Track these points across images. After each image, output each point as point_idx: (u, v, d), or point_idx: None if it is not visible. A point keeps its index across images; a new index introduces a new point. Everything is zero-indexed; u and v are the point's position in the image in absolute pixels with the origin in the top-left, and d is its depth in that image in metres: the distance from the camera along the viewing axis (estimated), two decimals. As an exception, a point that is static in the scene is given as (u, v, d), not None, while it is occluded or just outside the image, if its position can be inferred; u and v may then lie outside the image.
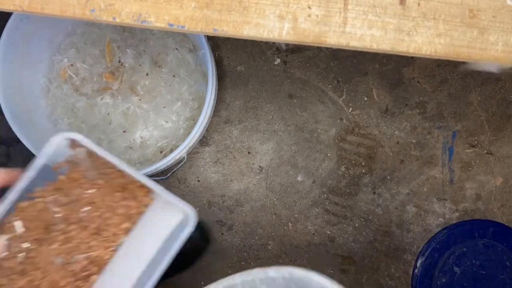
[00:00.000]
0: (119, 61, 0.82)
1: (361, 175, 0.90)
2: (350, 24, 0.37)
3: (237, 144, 0.91)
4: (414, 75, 0.90)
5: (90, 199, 0.43)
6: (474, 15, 0.38)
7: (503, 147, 0.89)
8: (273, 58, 0.90)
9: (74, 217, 0.43)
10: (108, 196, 0.43)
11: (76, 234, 0.43)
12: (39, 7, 0.38)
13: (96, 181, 0.44)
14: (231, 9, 0.37)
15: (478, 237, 0.85)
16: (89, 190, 0.43)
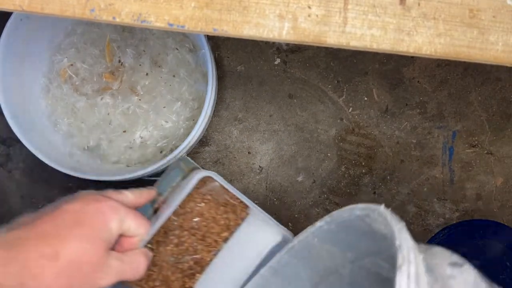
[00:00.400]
0: (119, 61, 0.82)
1: (361, 175, 0.90)
2: (350, 24, 0.37)
3: (237, 144, 0.91)
4: (414, 75, 0.90)
5: (200, 211, 0.53)
6: (474, 15, 0.38)
7: (503, 147, 0.89)
8: (273, 58, 0.90)
9: (187, 225, 0.52)
10: (214, 209, 0.53)
11: (186, 239, 0.52)
12: (39, 7, 0.38)
13: (206, 196, 0.53)
14: (231, 9, 0.37)
15: (478, 237, 0.85)
16: (200, 204, 0.53)
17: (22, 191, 0.93)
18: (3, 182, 0.93)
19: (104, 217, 0.40)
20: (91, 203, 0.41)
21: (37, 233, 0.37)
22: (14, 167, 0.93)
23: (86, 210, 0.40)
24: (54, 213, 0.39)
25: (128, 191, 0.47)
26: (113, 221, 0.41)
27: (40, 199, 0.93)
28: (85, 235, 0.38)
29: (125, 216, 0.42)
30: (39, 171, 0.92)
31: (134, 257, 0.44)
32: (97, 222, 0.40)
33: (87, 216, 0.39)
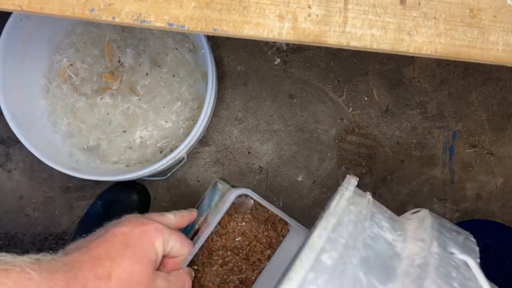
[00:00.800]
0: (118, 61, 0.82)
1: (361, 175, 0.90)
2: (350, 24, 0.37)
3: (237, 144, 0.91)
4: (414, 75, 0.89)
5: (241, 230, 0.54)
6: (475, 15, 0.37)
7: (503, 147, 0.89)
8: (273, 58, 0.90)
9: (230, 245, 0.53)
10: (255, 228, 0.54)
11: (231, 259, 0.53)
12: (38, 7, 0.38)
13: (246, 215, 0.54)
14: (231, 9, 0.37)
15: (478, 237, 0.85)
16: (241, 223, 0.54)
17: (21, 191, 0.93)
18: (3, 182, 0.93)
19: (150, 238, 0.43)
20: (138, 225, 0.43)
21: (91, 256, 0.40)
22: (14, 167, 0.93)
23: (133, 232, 0.42)
24: (104, 237, 0.42)
25: (170, 213, 0.49)
26: (158, 242, 0.43)
27: (40, 199, 0.93)
28: (133, 256, 0.41)
29: (169, 237, 0.44)
30: (38, 171, 0.92)
31: (179, 276, 0.46)
32: (144, 244, 0.42)
33: (134, 238, 0.42)
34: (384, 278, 0.31)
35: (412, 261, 0.32)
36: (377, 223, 0.35)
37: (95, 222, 0.86)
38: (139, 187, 0.89)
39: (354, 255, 0.31)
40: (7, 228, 0.93)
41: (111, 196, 0.89)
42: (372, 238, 0.33)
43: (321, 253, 0.31)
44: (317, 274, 0.30)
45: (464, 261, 0.32)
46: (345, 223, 0.33)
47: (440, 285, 0.29)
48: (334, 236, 0.32)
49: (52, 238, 0.93)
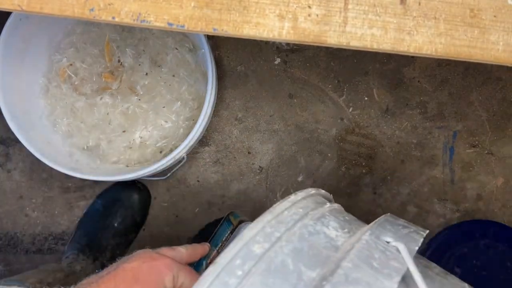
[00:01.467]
0: (118, 60, 0.82)
1: (361, 175, 0.90)
2: (351, 24, 0.37)
3: (237, 144, 0.91)
4: (414, 75, 0.89)
5: None
6: (475, 15, 0.37)
7: (504, 147, 0.89)
8: (273, 58, 0.90)
9: None
10: None
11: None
12: (38, 7, 0.38)
13: None
14: (231, 9, 0.37)
15: (479, 237, 0.85)
16: None
17: (21, 191, 0.93)
18: (2, 182, 0.93)
19: (160, 274, 0.43)
20: (147, 260, 0.43)
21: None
22: (14, 167, 0.93)
23: (142, 267, 0.43)
24: (114, 272, 0.42)
25: (181, 247, 0.49)
26: (168, 278, 0.43)
27: (39, 199, 0.92)
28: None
29: (178, 272, 0.44)
30: (38, 171, 0.92)
31: None
32: (153, 279, 0.42)
33: (144, 273, 0.42)
34: (314, 265, 0.32)
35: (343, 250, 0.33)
36: (323, 222, 0.36)
37: (95, 221, 0.86)
38: (139, 186, 0.89)
39: (286, 245, 0.33)
40: (7, 228, 0.93)
41: (111, 195, 0.88)
42: (311, 233, 0.34)
43: (252, 244, 0.32)
44: (244, 260, 0.31)
45: (396, 247, 0.33)
46: (286, 221, 0.35)
47: (357, 263, 0.30)
48: (270, 231, 0.33)
49: (52, 238, 0.93)
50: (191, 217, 0.91)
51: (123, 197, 0.87)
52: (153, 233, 0.91)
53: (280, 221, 0.35)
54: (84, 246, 0.83)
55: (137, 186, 0.88)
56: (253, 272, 0.30)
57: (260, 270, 0.31)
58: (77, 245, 0.84)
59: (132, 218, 0.87)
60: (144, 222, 0.91)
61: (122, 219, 0.86)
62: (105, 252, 0.84)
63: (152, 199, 0.91)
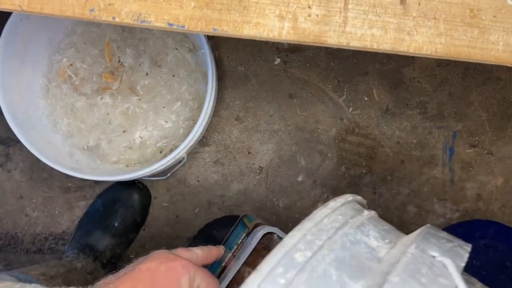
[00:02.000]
0: (118, 61, 0.82)
1: (361, 175, 0.90)
2: (351, 24, 0.37)
3: (237, 144, 0.91)
4: (414, 75, 0.89)
5: None
6: (475, 15, 0.37)
7: (504, 147, 0.89)
8: (273, 58, 0.90)
9: None
10: None
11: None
12: (38, 7, 0.38)
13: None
14: (231, 9, 0.37)
15: (478, 237, 0.85)
16: None
17: (21, 191, 0.93)
18: (3, 182, 0.93)
19: (176, 275, 0.43)
20: (164, 262, 0.43)
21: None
22: (14, 167, 0.93)
23: (159, 268, 0.43)
24: (131, 273, 0.42)
25: (197, 249, 0.49)
26: (184, 279, 0.43)
27: (40, 199, 0.93)
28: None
29: (195, 274, 0.44)
30: (38, 171, 0.92)
31: None
32: (170, 280, 0.42)
33: (161, 274, 0.42)
34: (357, 276, 0.31)
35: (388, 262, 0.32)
36: (363, 231, 0.36)
37: (95, 221, 0.86)
38: (139, 186, 0.89)
39: (329, 254, 0.32)
40: (7, 228, 0.93)
41: (112, 195, 0.89)
42: (352, 242, 0.34)
43: (294, 251, 0.32)
44: (286, 268, 0.30)
45: (443, 262, 0.32)
46: (327, 228, 0.34)
47: (405, 278, 0.29)
48: (311, 238, 0.33)
49: (52, 238, 0.93)
50: (191, 217, 0.91)
51: (123, 197, 0.88)
52: (153, 233, 0.91)
53: (320, 228, 0.34)
54: (84, 246, 0.83)
55: (137, 186, 0.88)
56: (296, 281, 0.30)
57: (303, 279, 0.30)
58: (77, 245, 0.84)
59: (132, 218, 0.88)
60: (144, 222, 0.91)
61: (122, 219, 0.86)
62: (105, 252, 0.84)
63: (152, 199, 0.91)
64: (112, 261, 0.85)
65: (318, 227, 0.34)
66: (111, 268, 0.84)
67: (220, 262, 0.54)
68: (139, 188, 0.89)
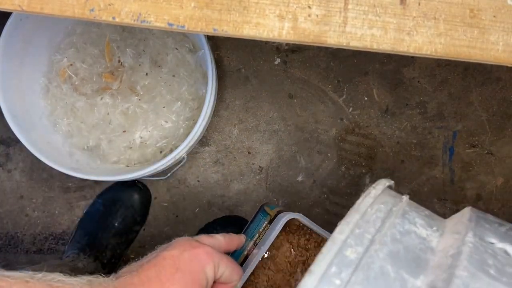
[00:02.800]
0: (118, 61, 0.82)
1: (361, 175, 0.90)
2: (350, 24, 0.37)
3: (237, 144, 0.91)
4: (414, 75, 0.89)
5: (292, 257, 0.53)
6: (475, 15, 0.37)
7: (503, 147, 0.89)
8: (273, 58, 0.90)
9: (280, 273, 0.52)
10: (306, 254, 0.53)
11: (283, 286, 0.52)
12: (38, 7, 0.38)
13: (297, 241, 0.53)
14: (231, 9, 0.37)
15: (478, 237, 0.85)
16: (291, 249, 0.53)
17: (21, 191, 0.93)
18: (3, 182, 0.93)
19: (200, 262, 0.42)
20: (188, 249, 0.43)
21: (141, 280, 0.39)
22: (14, 167, 0.93)
23: (184, 256, 0.42)
24: (155, 260, 0.42)
25: (219, 235, 0.48)
26: (209, 267, 0.43)
27: (40, 199, 0.93)
28: (184, 280, 0.40)
29: (219, 261, 0.44)
30: (38, 171, 0.92)
31: None
32: (194, 268, 0.42)
33: (185, 261, 0.42)
34: (415, 271, 0.30)
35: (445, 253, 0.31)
36: (409, 220, 0.34)
37: (96, 221, 0.86)
38: (140, 186, 0.89)
39: (381, 249, 0.30)
40: (7, 228, 0.93)
41: (112, 195, 0.89)
42: (402, 233, 0.32)
43: (345, 248, 0.30)
44: (340, 268, 0.29)
45: (504, 249, 0.31)
46: (372, 220, 0.33)
47: (473, 272, 0.28)
48: (359, 231, 0.31)
49: (52, 238, 0.93)
50: (191, 217, 0.91)
51: (123, 197, 0.88)
52: (153, 233, 0.91)
53: (366, 220, 0.32)
54: (85, 246, 0.83)
55: (137, 186, 0.89)
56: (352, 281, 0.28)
57: (359, 279, 0.28)
58: (78, 245, 0.84)
59: (132, 218, 0.88)
60: (144, 222, 0.91)
61: (122, 218, 0.86)
62: (105, 252, 0.84)
63: (152, 199, 0.91)
64: (112, 261, 0.85)
65: (364, 219, 0.33)
66: (111, 268, 0.84)
67: (242, 251, 0.54)
68: (139, 188, 0.89)
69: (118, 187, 0.89)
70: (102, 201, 0.88)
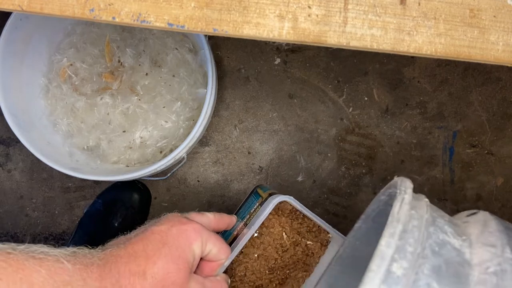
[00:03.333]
0: (118, 61, 0.82)
1: (361, 175, 0.90)
2: (350, 24, 0.37)
3: (237, 144, 0.91)
4: (414, 75, 0.89)
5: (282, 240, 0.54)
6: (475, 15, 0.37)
7: (504, 147, 0.89)
8: (273, 58, 0.90)
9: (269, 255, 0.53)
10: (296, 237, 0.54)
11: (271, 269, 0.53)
12: (38, 7, 0.38)
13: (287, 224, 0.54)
14: (231, 9, 0.37)
15: (478, 237, 0.85)
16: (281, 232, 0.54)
17: (21, 191, 0.93)
18: (3, 182, 0.93)
19: (188, 238, 0.42)
20: (176, 224, 0.42)
21: (127, 253, 0.39)
22: (14, 167, 0.93)
23: (171, 231, 0.42)
24: (143, 234, 0.42)
25: (209, 213, 0.48)
26: (196, 243, 0.42)
27: (40, 199, 0.92)
28: (170, 255, 0.40)
29: (207, 239, 0.43)
30: (38, 171, 0.92)
31: (216, 283, 0.45)
32: (182, 243, 0.41)
33: (172, 237, 0.41)
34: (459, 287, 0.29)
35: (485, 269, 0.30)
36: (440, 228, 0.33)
37: (96, 221, 0.86)
38: (140, 186, 0.89)
39: (424, 263, 0.29)
40: (7, 228, 0.93)
41: (112, 195, 0.89)
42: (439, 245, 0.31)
43: (391, 263, 0.29)
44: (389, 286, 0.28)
45: None
46: (410, 229, 0.31)
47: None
48: (401, 243, 0.30)
49: (52, 238, 0.93)
50: (191, 217, 0.91)
51: (123, 197, 0.88)
52: (153, 233, 0.91)
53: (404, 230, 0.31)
54: (85, 246, 0.83)
55: (137, 186, 0.89)
56: None
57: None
58: (78, 245, 0.84)
59: (133, 218, 0.88)
60: (144, 222, 0.91)
61: (122, 219, 0.86)
62: (105, 252, 0.84)
63: (152, 199, 0.91)
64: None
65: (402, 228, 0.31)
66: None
67: (232, 231, 0.54)
68: (139, 188, 0.89)
69: (118, 187, 0.89)
70: (102, 201, 0.88)
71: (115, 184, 0.89)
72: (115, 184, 0.89)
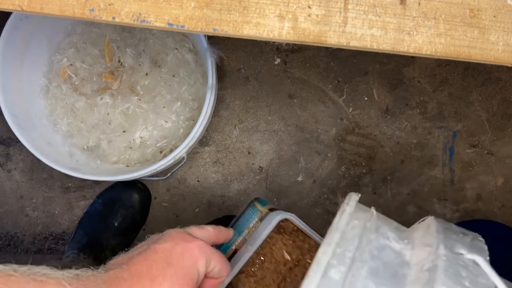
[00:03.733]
0: (118, 61, 0.82)
1: (361, 175, 0.90)
2: (350, 24, 0.37)
3: (237, 144, 0.91)
4: (414, 75, 0.89)
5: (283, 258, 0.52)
6: (475, 15, 0.37)
7: (503, 147, 0.89)
8: (273, 58, 0.90)
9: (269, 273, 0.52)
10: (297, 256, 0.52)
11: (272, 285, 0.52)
12: (38, 7, 0.38)
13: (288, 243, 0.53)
14: (231, 9, 0.37)
15: (478, 237, 0.85)
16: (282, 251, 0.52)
17: (21, 191, 0.93)
18: (3, 182, 0.93)
19: (193, 257, 0.41)
20: (180, 243, 0.42)
21: (131, 274, 0.38)
22: (14, 167, 0.93)
23: (176, 250, 0.41)
24: (145, 253, 0.40)
25: (209, 227, 0.48)
26: (201, 262, 0.42)
27: (40, 199, 0.93)
28: (175, 276, 0.39)
29: (211, 256, 0.43)
30: (38, 171, 0.92)
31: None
32: (187, 262, 0.41)
33: (177, 256, 0.41)
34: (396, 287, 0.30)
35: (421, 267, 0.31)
36: (382, 234, 0.35)
37: (96, 221, 0.86)
38: (140, 186, 0.89)
39: (362, 267, 0.31)
40: (7, 228, 0.93)
41: (112, 195, 0.89)
42: (379, 249, 0.33)
43: (329, 268, 0.30)
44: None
45: (472, 260, 0.31)
46: (350, 237, 0.33)
47: (451, 285, 0.29)
48: (340, 251, 0.32)
49: (52, 238, 0.93)
50: (191, 217, 0.91)
51: (123, 197, 0.88)
52: (153, 233, 0.91)
53: (344, 238, 0.33)
54: (85, 246, 0.83)
55: (137, 186, 0.89)
56: None
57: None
58: (78, 245, 0.84)
59: (133, 218, 0.88)
60: (144, 222, 0.91)
61: (122, 218, 0.86)
62: (105, 252, 0.84)
63: (152, 199, 0.91)
64: (112, 261, 0.85)
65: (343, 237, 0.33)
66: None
67: (230, 245, 0.53)
68: (139, 188, 0.89)
69: (118, 187, 0.89)
70: (102, 201, 0.88)
71: (115, 184, 0.89)
72: (115, 184, 0.89)
